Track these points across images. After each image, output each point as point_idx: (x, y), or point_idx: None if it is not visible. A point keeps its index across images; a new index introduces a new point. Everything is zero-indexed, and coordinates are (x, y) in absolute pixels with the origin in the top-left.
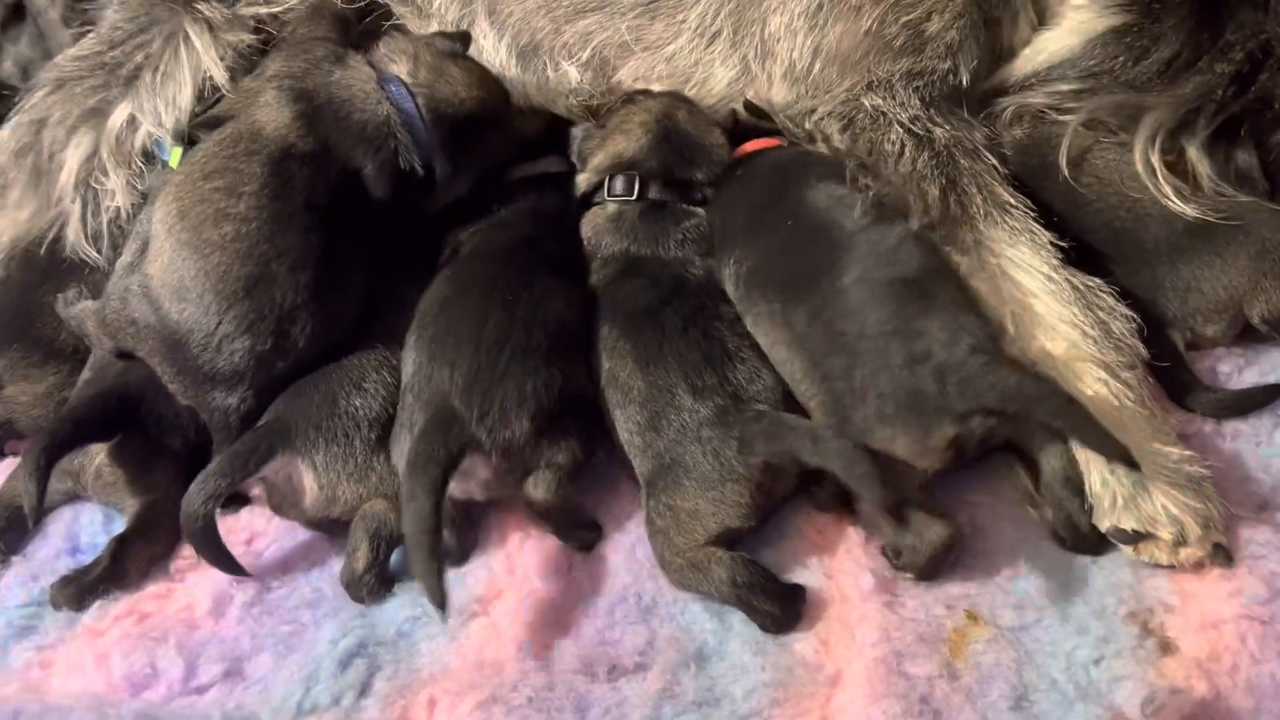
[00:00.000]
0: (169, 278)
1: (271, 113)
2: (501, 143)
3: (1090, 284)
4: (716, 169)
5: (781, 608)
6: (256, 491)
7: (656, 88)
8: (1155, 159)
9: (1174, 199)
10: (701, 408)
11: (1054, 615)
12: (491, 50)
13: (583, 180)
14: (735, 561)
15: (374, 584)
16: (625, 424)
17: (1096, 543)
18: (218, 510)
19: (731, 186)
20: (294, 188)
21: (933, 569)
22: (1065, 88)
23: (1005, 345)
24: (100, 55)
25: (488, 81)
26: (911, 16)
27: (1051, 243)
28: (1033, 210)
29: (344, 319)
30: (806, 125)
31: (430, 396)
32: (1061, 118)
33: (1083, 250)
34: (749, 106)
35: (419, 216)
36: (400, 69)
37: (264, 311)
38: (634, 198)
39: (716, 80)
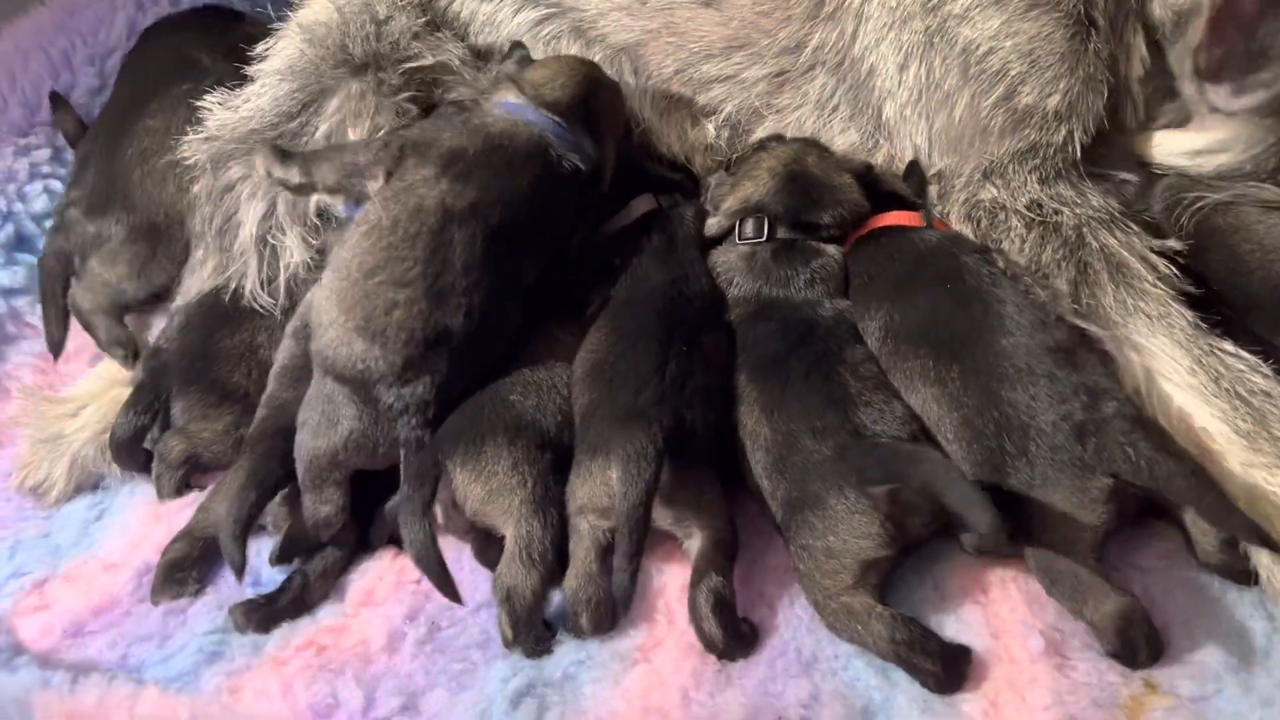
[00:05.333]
0: (344, 351)
1: (428, 189)
2: (613, 100)
3: (1242, 367)
4: (845, 211)
5: (945, 667)
6: None
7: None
8: None
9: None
10: (822, 447)
11: (1235, 686)
12: (637, 106)
13: (714, 224)
14: (896, 619)
15: (529, 645)
16: (756, 469)
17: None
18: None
19: (873, 252)
20: (452, 256)
21: (1126, 648)
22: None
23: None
24: (276, 126)
25: (567, 65)
26: (997, 94)
27: (1196, 323)
28: (1174, 288)
29: (503, 339)
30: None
31: (615, 414)
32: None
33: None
34: (912, 168)
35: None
36: (508, 96)
37: (440, 355)
38: (764, 239)
39: (836, 147)
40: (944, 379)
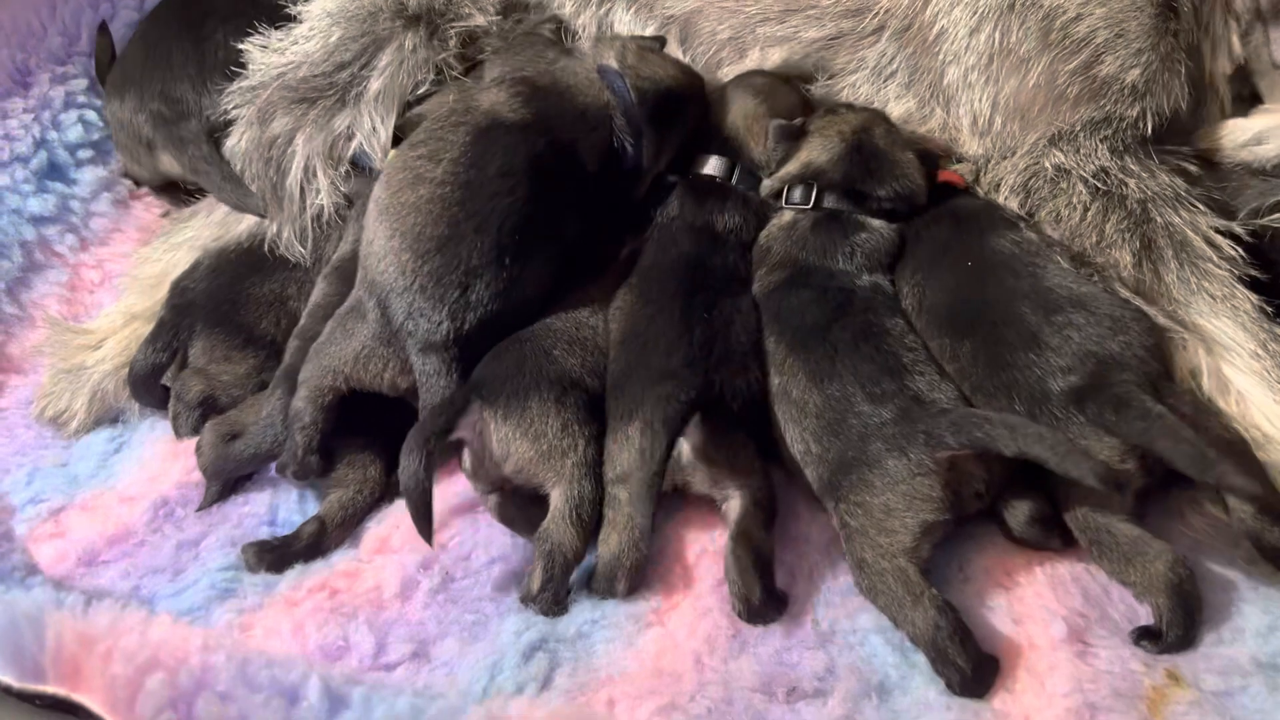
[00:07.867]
0: (373, 247)
1: (490, 94)
2: (697, 118)
3: None
4: (903, 187)
5: (974, 669)
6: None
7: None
8: None
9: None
10: (883, 411)
11: (1261, 683)
12: None
13: (767, 185)
14: (947, 605)
15: (549, 602)
16: (800, 436)
17: None
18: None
19: (921, 217)
20: (492, 156)
21: (1180, 606)
22: None
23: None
24: (329, 75)
25: (682, 66)
26: (1078, 61)
27: (1261, 307)
28: (1237, 268)
29: (528, 285)
30: (999, 197)
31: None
32: None
33: None
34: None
35: (617, 207)
36: (609, 59)
37: (452, 266)
38: (810, 207)
39: (890, 113)
40: (958, 355)
